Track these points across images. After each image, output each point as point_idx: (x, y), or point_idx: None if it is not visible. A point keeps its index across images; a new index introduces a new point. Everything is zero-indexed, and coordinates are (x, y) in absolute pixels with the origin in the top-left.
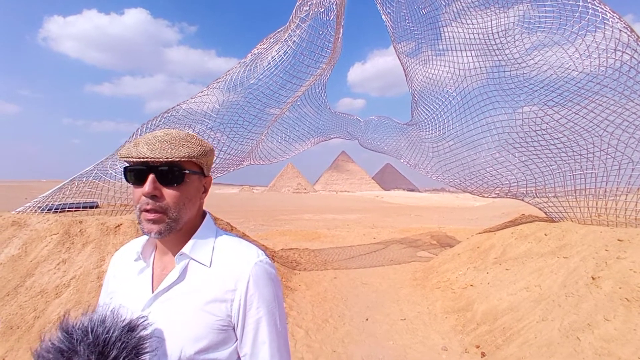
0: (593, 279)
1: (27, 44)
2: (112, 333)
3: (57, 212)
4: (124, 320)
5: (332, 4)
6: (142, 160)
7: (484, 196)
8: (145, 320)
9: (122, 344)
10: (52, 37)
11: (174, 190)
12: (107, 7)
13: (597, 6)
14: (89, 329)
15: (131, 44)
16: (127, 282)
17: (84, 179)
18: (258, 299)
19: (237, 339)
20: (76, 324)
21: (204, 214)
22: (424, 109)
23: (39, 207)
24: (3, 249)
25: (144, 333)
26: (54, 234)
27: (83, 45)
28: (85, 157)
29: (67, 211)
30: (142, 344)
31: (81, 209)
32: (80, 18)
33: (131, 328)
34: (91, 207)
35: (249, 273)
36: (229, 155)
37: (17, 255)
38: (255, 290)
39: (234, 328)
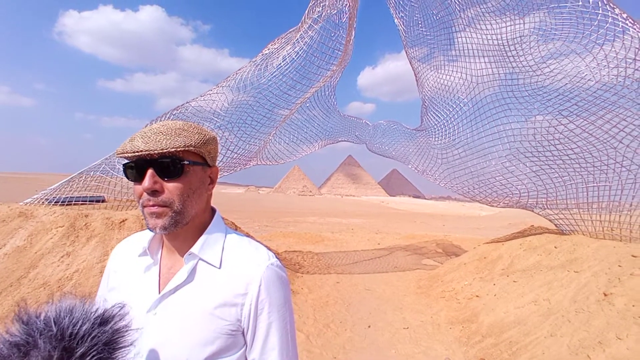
0: (605, 295)
1: (43, 38)
2: (81, 326)
3: (64, 204)
4: (96, 310)
5: (345, 6)
6: (137, 154)
7: (492, 205)
8: (121, 309)
9: (92, 338)
10: (67, 31)
11: (174, 182)
12: (123, 4)
13: (617, 15)
14: (53, 320)
15: (145, 41)
16: (131, 279)
17: (92, 173)
18: (269, 304)
19: (245, 344)
20: (38, 314)
21: (212, 210)
22: (434, 115)
23: (47, 199)
24: (9, 240)
25: (119, 325)
26: (60, 227)
27: (97, 40)
28: (95, 152)
29: (74, 204)
30: (116, 338)
31: (88, 202)
32: (95, 14)
33: (104, 320)
34: (98, 202)
35: (260, 277)
36: (236, 155)
37: (22, 246)
38: (267, 295)
39: (243, 333)
